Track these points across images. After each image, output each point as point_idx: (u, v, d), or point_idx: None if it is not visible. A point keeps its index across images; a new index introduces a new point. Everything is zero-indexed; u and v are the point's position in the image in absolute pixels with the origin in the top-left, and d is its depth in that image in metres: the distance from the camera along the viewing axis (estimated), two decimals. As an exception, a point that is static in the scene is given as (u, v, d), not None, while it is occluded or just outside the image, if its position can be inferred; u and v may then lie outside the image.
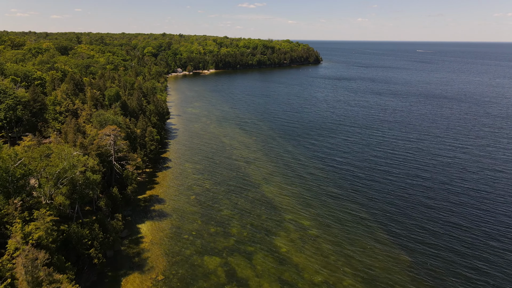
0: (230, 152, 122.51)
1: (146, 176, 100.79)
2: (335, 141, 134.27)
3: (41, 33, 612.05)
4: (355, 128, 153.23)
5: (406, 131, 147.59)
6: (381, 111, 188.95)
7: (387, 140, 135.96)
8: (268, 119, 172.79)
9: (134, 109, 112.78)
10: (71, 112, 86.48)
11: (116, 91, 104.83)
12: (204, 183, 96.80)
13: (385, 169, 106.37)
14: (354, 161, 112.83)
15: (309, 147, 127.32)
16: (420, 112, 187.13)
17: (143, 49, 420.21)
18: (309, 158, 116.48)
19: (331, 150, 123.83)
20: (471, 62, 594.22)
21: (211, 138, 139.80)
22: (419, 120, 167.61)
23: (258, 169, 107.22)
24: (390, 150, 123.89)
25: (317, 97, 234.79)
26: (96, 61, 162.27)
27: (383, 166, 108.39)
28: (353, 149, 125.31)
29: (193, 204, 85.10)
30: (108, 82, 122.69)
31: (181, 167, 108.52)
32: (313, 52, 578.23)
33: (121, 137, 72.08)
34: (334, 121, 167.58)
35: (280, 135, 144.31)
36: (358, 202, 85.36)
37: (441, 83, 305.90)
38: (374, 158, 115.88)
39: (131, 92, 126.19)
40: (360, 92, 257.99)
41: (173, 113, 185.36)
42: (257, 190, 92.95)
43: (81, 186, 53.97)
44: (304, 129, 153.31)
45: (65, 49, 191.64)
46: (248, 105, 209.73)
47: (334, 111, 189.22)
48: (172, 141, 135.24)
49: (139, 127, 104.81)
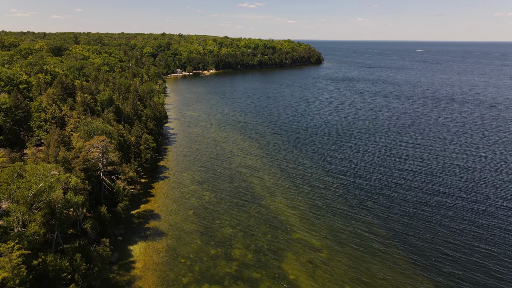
0: (231, 160, 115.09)
1: (141, 188, 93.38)
2: (341, 148, 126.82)
3: (39, 33, 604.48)
4: (361, 133, 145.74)
5: (417, 137, 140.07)
6: (388, 115, 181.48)
7: (397, 147, 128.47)
8: (270, 122, 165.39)
9: (129, 115, 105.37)
10: (57, 119, 79.11)
11: (109, 95, 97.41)
12: (203, 196, 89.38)
13: (397, 181, 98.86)
14: (363, 171, 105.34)
15: (314, 155, 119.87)
16: (429, 115, 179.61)
17: (142, 50, 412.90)
18: (315, 167, 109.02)
19: (337, 158, 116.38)
20: (475, 62, 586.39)
21: (211, 144, 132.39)
22: (429, 125, 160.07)
23: (261, 179, 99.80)
24: (401, 159, 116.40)
25: (320, 99, 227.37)
26: (90, 62, 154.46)
27: (394, 178, 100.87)
28: (361, 157, 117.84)
29: (191, 220, 77.69)
30: (101, 85, 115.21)
31: (179, 177, 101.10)
32: (315, 52, 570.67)
33: (111, 148, 64.69)
34: (339, 125, 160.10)
35: (283, 140, 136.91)
36: (370, 220, 77.85)
37: (447, 84, 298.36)
38: (384, 168, 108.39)
39: (126, 96, 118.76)
40: (364, 93, 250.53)
41: (171, 116, 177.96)
42: (260, 203, 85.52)
43: (60, 210, 46.62)
44: (308, 134, 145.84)
45: (59, 50, 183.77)
46: (249, 107, 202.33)
47: (338, 115, 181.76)
48: (170, 147, 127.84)
49: (134, 134, 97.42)
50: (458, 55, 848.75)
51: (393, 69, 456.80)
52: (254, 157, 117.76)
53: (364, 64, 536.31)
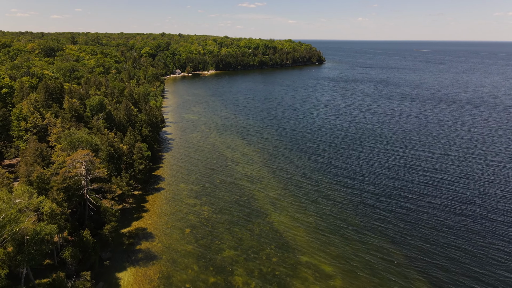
0: (232, 169, 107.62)
1: (133, 201, 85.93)
2: (348, 156, 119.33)
3: (37, 33, 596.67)
4: (368, 139, 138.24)
5: (427, 143, 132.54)
6: (395, 118, 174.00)
7: (407, 155, 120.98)
8: (271, 127, 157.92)
9: (122, 121, 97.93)
10: (39, 129, 71.76)
11: (100, 100, 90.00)
12: (201, 211, 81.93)
13: (412, 192, 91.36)
14: (372, 183, 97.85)
15: (319, 164, 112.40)
16: (438, 118, 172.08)
17: (141, 50, 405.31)
18: (321, 177, 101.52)
19: (344, 168, 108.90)
20: (478, 62, 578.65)
21: (211, 151, 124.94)
22: (439, 129, 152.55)
23: (264, 191, 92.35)
24: (412, 169, 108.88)
25: (324, 102, 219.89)
26: (84, 64, 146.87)
27: (406, 191, 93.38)
28: (369, 166, 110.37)
29: (188, 240, 70.23)
30: (92, 88, 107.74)
31: (175, 189, 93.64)
32: (316, 52, 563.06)
33: (97, 163, 57.24)
34: (345, 129, 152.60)
35: (287, 146, 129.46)
36: (383, 243, 70.30)
37: (453, 85, 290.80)
38: (395, 180, 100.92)
39: (120, 100, 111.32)
40: (368, 95, 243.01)
41: (169, 120, 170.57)
42: (264, 220, 78.09)
43: (29, 243, 39.27)
44: (312, 139, 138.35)
45: (51, 51, 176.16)
46: (250, 110, 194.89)
47: (343, 118, 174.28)
48: (166, 155, 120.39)
49: (126, 143, 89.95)
50: (461, 55, 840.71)
51: (396, 69, 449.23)
52: (256, 166, 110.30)
53: (366, 65, 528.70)
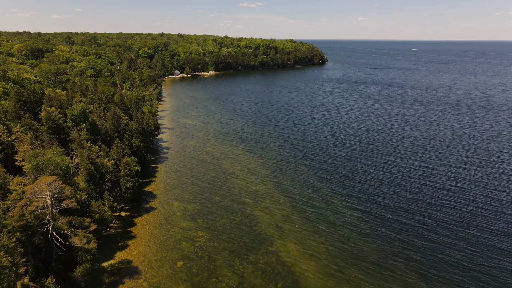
0: (232, 184, 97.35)
1: (119, 225, 75.76)
2: (359, 168, 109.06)
3: (34, 33, 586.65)
4: (379, 148, 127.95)
5: (444, 153, 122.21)
6: (405, 123, 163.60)
7: (423, 166, 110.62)
8: (274, 133, 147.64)
9: (108, 131, 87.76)
10: (5, 146, 61.69)
11: (82, 109, 79.85)
12: (197, 237, 71.70)
13: (432, 217, 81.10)
14: (389, 203, 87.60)
15: (327, 175, 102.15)
16: (451, 124, 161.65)
17: (138, 50, 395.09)
18: (330, 193, 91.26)
19: (354, 182, 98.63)
20: (483, 63, 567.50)
21: (209, 162, 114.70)
22: (455, 136, 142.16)
23: (268, 211, 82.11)
24: (431, 184, 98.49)
25: (328, 105, 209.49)
26: (72, 66, 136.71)
27: (429, 212, 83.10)
28: (383, 181, 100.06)
29: (180, 277, 60.03)
30: (77, 94, 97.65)
31: (168, 209, 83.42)
32: (318, 52, 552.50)
33: (66, 192, 47.11)
34: (352, 137, 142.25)
35: (291, 156, 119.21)
36: (413, 280, 60.09)
37: (461, 87, 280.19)
38: (413, 197, 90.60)
39: (108, 107, 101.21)
40: (375, 98, 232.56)
41: (165, 125, 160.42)
42: (268, 249, 67.84)
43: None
44: (318, 148, 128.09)
45: (39, 52, 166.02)
46: (251, 115, 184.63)
47: (349, 124, 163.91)
48: (160, 166, 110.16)
49: (112, 157, 79.74)
50: (464, 55, 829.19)
51: (400, 70, 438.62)
52: (258, 180, 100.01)
53: (369, 65, 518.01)
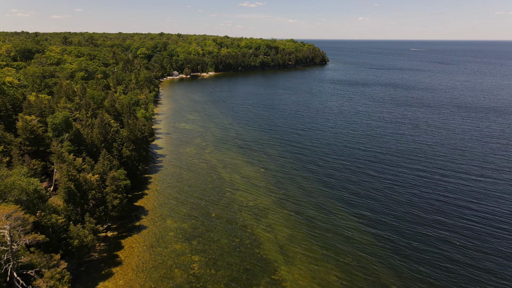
0: (231, 197, 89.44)
1: (105, 247, 67.88)
2: (367, 178, 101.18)
3: (32, 34, 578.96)
4: (387, 156, 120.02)
5: (458, 162, 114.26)
6: (413, 128, 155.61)
7: (439, 178, 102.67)
8: (275, 139, 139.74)
9: (94, 141, 79.92)
10: (-30, 164, 54.42)
11: (65, 117, 72.10)
12: (190, 263, 63.83)
13: (457, 237, 73.23)
14: (401, 222, 79.72)
15: (333, 188, 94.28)
16: (462, 129, 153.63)
17: (137, 50, 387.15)
18: (337, 208, 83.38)
19: (363, 196, 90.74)
20: (487, 63, 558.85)
21: (206, 171, 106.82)
22: (467, 142, 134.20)
23: (270, 231, 74.25)
24: (449, 198, 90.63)
25: (331, 108, 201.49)
26: (62, 68, 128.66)
27: (451, 231, 75.19)
28: (395, 197, 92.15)
29: (170, 314, 52.18)
30: (62, 100, 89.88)
31: (160, 228, 75.54)
32: (319, 52, 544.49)
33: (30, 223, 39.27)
34: (358, 143, 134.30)
35: (294, 165, 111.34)
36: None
37: (468, 88, 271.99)
38: (432, 215, 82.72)
39: (97, 113, 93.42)
40: (379, 100, 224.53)
41: (161, 130, 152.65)
42: (272, 278, 59.97)
43: None
44: (322, 156, 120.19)
45: (29, 53, 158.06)
46: (251, 118, 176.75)
47: (354, 128, 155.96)
48: (153, 177, 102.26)
49: (98, 171, 71.88)
50: (467, 55, 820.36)
51: (403, 70, 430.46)
52: (259, 193, 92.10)
53: (372, 65, 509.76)
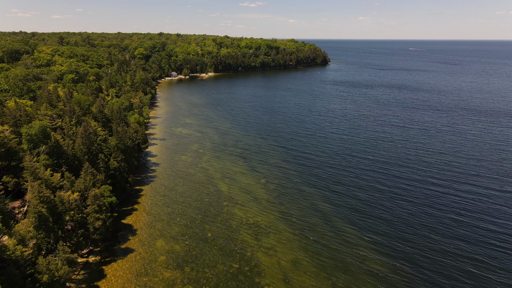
0: (229, 214, 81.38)
1: (84, 276, 59.88)
2: (376, 193, 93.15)
3: (29, 34, 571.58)
4: (396, 166, 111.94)
5: (475, 173, 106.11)
6: (423, 134, 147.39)
7: (455, 192, 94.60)
8: (277, 145, 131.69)
9: (77, 154, 71.97)
10: None
11: (42, 127, 64.20)
12: (181, 296, 55.86)
13: (480, 264, 65.19)
14: (419, 242, 71.70)
15: (340, 202, 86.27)
16: (474, 134, 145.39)
17: (134, 51, 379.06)
18: (346, 226, 75.36)
19: (374, 213, 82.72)
20: (491, 63, 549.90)
21: (202, 182, 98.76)
22: (481, 150, 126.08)
23: (273, 253, 66.23)
24: (470, 218, 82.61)
25: (334, 111, 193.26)
26: (50, 70, 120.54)
27: (474, 259, 67.16)
28: (408, 210, 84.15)
29: None
30: (43, 106, 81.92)
31: (149, 251, 67.49)
32: (320, 52, 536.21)
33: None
34: (364, 150, 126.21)
35: (296, 175, 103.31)
36: None
37: (475, 90, 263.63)
38: (450, 233, 74.72)
39: (82, 120, 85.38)
40: (384, 103, 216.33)
41: (156, 136, 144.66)
42: (274, 316, 51.93)
43: None
44: (326, 165, 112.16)
45: (17, 54, 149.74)
46: (251, 122, 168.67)
47: (360, 134, 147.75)
48: (145, 189, 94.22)
49: (78, 188, 63.87)
50: (470, 55, 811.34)
51: (406, 71, 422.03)
52: (260, 208, 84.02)
53: (374, 65, 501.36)
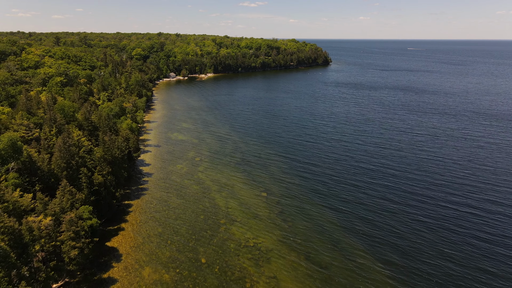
0: (226, 234, 73.27)
1: (58, 314, 51.92)
2: (386, 209, 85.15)
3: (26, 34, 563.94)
4: (407, 178, 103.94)
5: (494, 184, 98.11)
6: (432, 140, 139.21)
7: (475, 210, 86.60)
8: (278, 153, 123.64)
9: (53, 170, 64.04)
10: None
11: (11, 141, 56.27)
12: None
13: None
14: (440, 271, 63.64)
15: (349, 220, 78.24)
16: (487, 140, 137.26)
17: (132, 51, 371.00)
18: (358, 249, 67.26)
19: (385, 235, 74.74)
20: (495, 63, 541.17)
21: (198, 197, 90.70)
22: (497, 158, 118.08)
23: (276, 285, 58.19)
24: (498, 252, 74.62)
25: (338, 115, 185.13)
26: (36, 73, 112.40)
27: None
28: (424, 233, 76.15)
29: None
30: (18, 115, 73.87)
31: (134, 282, 59.45)
32: (322, 52, 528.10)
33: None
34: (371, 159, 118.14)
35: (300, 187, 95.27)
36: None
37: (482, 92, 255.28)
38: (475, 263, 66.70)
39: (64, 129, 77.36)
40: (389, 106, 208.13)
41: (150, 142, 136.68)
42: None
43: None
44: (331, 175, 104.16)
45: (2, 55, 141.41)
46: (251, 128, 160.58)
47: (365, 140, 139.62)
48: (135, 204, 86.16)
49: (52, 211, 55.86)
50: (473, 55, 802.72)
51: (410, 71, 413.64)
52: (261, 227, 75.94)
53: (376, 66, 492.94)
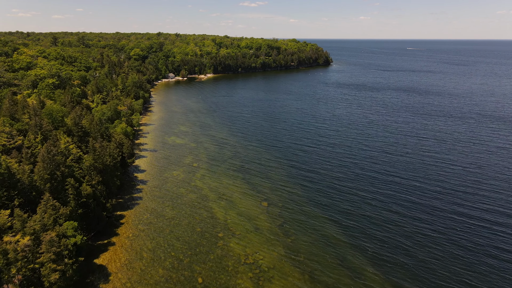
0: (224, 249, 68.15)
1: None
2: (398, 221, 79.99)
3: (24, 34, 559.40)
4: (416, 187, 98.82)
5: (508, 193, 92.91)
6: (439, 145, 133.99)
7: (490, 224, 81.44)
8: (279, 160, 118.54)
9: (35, 182, 59.01)
10: None
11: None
12: None
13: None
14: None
15: (355, 237, 73.13)
16: (497, 145, 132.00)
17: (131, 51, 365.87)
18: (367, 275, 62.14)
19: (397, 252, 69.61)
20: (498, 63, 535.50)
21: (195, 207, 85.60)
22: (509, 164, 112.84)
23: (275, 310, 53.09)
24: None
25: (340, 117, 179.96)
26: (25, 75, 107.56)
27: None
28: (437, 251, 71.03)
29: None
30: (0, 121, 68.84)
31: (121, 305, 54.41)
32: (322, 52, 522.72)
33: None
34: (375, 165, 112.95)
35: (303, 196, 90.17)
36: None
37: (488, 93, 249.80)
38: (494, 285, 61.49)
39: (50, 136, 72.31)
40: (393, 108, 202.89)
41: (146, 146, 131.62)
42: None
43: None
44: (335, 183, 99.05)
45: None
46: (251, 131, 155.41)
47: (369, 144, 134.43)
48: (127, 215, 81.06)
49: (31, 229, 50.83)
50: (475, 55, 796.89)
51: (412, 72, 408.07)
52: (262, 240, 70.81)
53: (378, 66, 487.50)
